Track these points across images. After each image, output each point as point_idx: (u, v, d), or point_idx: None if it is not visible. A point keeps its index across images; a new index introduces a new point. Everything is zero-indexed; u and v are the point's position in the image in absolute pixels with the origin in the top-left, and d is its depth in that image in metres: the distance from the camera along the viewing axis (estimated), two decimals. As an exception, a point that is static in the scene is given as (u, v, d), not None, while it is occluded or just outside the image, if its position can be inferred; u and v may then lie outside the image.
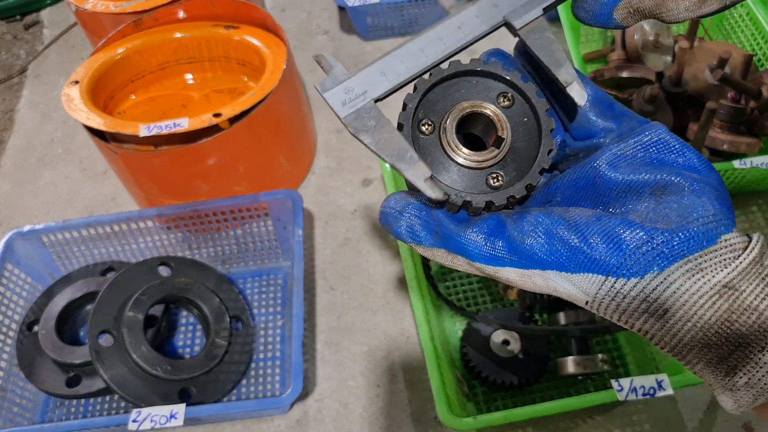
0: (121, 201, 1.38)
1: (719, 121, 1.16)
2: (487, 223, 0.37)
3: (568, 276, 0.36)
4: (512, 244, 0.37)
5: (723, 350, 0.34)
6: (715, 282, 0.34)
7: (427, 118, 0.39)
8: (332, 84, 0.38)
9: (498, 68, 0.39)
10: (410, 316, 1.12)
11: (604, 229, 0.35)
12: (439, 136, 0.39)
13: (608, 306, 0.35)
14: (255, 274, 1.21)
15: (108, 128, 1.11)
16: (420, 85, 0.39)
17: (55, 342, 1.05)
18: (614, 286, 0.35)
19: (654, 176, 0.37)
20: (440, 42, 0.39)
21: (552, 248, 0.36)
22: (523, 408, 0.85)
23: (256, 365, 1.10)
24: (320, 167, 1.37)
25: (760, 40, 1.30)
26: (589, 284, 0.35)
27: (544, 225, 0.36)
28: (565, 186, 0.40)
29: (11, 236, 1.11)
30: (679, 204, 0.36)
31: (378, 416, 1.02)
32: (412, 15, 1.57)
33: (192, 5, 1.32)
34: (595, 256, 0.35)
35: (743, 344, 0.34)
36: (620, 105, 0.41)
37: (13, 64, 1.75)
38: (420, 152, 0.39)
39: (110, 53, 1.29)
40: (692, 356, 0.35)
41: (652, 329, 0.35)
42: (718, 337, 0.34)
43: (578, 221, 0.36)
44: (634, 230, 0.35)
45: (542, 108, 0.39)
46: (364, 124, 0.37)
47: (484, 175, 0.39)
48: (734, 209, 0.37)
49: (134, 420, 0.90)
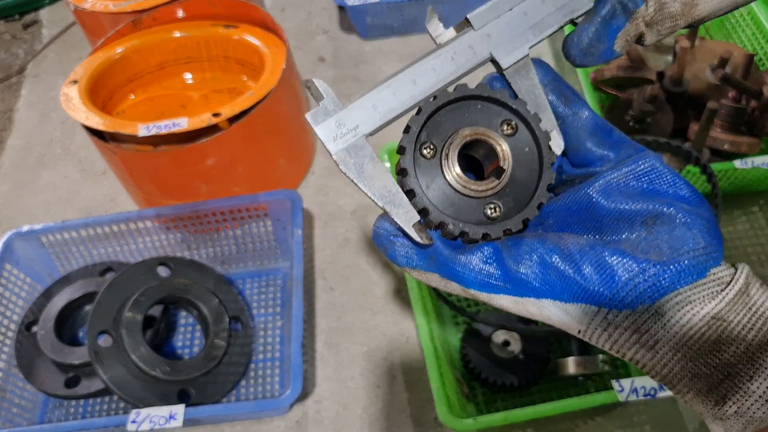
0: (120, 201, 1.37)
1: (720, 121, 1.16)
2: (482, 250, 0.38)
3: (562, 305, 0.36)
4: (507, 272, 0.37)
5: (712, 380, 0.35)
6: (703, 314, 0.34)
7: (429, 141, 0.39)
8: (323, 116, 0.37)
9: (504, 95, 0.39)
10: (410, 316, 1.12)
11: (598, 260, 0.36)
12: (440, 160, 0.39)
13: (600, 336, 0.36)
14: (254, 275, 1.21)
15: (107, 128, 1.11)
16: (425, 108, 0.38)
17: (54, 342, 1.05)
18: (606, 317, 0.36)
19: (646, 206, 0.38)
20: (433, 73, 0.39)
21: (546, 278, 0.36)
22: (523, 409, 0.85)
23: (255, 366, 1.09)
24: (320, 167, 1.37)
25: (761, 40, 1.29)
26: (582, 314, 0.36)
27: (539, 253, 0.37)
28: (559, 210, 0.40)
29: (10, 236, 1.11)
30: (671, 235, 0.36)
31: (378, 417, 1.02)
32: (412, 15, 1.56)
33: (191, 4, 1.31)
34: (589, 287, 0.36)
35: (732, 374, 0.34)
36: (618, 132, 0.42)
37: (11, 63, 1.75)
38: (420, 174, 0.38)
39: (109, 53, 1.29)
40: (682, 386, 0.36)
41: (642, 359, 0.36)
42: (707, 367, 0.35)
43: (572, 250, 0.37)
44: (626, 262, 0.35)
45: (545, 141, 0.39)
46: (355, 161, 0.37)
47: (482, 204, 0.39)
48: (734, 210, 0.37)
49: (133, 421, 0.89)
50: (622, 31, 0.39)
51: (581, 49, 0.40)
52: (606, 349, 0.37)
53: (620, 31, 0.39)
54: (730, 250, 1.12)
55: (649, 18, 0.39)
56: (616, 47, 0.40)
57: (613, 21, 0.39)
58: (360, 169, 0.37)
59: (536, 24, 0.40)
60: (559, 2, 0.40)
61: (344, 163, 0.37)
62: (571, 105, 0.41)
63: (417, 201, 0.37)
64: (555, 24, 0.40)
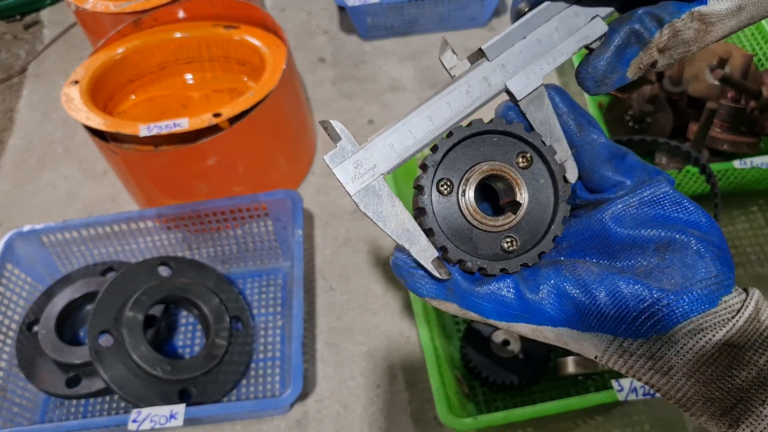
0: (120, 201, 1.37)
1: (719, 121, 1.16)
2: (500, 282, 0.38)
3: (579, 334, 0.38)
4: (525, 302, 0.38)
5: (726, 404, 0.36)
6: (716, 341, 0.35)
7: (446, 177, 0.40)
8: (341, 158, 0.38)
9: (519, 129, 0.40)
10: (410, 316, 1.12)
11: (612, 290, 0.37)
12: (457, 197, 0.40)
13: (616, 362, 0.37)
14: (255, 275, 1.21)
15: (108, 128, 1.11)
16: (441, 146, 0.39)
17: (55, 342, 1.05)
18: (622, 345, 0.37)
19: (658, 232, 0.38)
20: (448, 108, 0.39)
21: (563, 308, 0.37)
22: (523, 408, 0.85)
23: (255, 365, 1.10)
24: (320, 167, 1.37)
25: (760, 40, 1.30)
26: (599, 342, 0.37)
27: (554, 283, 0.38)
28: (572, 235, 0.41)
29: (11, 236, 1.11)
30: (683, 263, 0.37)
31: (378, 416, 1.02)
32: (412, 15, 1.57)
33: (192, 5, 1.31)
34: (604, 318, 0.37)
35: (745, 398, 0.35)
36: (633, 156, 0.42)
37: (13, 64, 1.75)
38: (437, 212, 0.39)
39: (110, 53, 1.29)
40: (696, 409, 0.36)
41: (658, 383, 0.37)
42: (720, 392, 0.36)
43: (586, 280, 0.37)
44: (640, 291, 0.36)
45: (560, 174, 0.40)
46: (373, 201, 0.37)
47: (499, 237, 0.40)
48: (734, 210, 0.38)
49: (134, 420, 0.90)
50: (635, 60, 0.39)
51: (596, 80, 0.40)
52: (623, 372, 0.38)
53: (633, 59, 0.39)
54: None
55: (662, 45, 0.39)
56: (629, 74, 0.40)
57: (626, 50, 0.39)
58: (379, 208, 0.37)
59: (550, 51, 0.40)
60: (573, 28, 0.40)
61: (363, 203, 0.37)
62: (586, 133, 0.41)
63: (436, 240, 0.38)
64: (569, 51, 0.40)
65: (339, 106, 1.49)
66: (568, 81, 1.46)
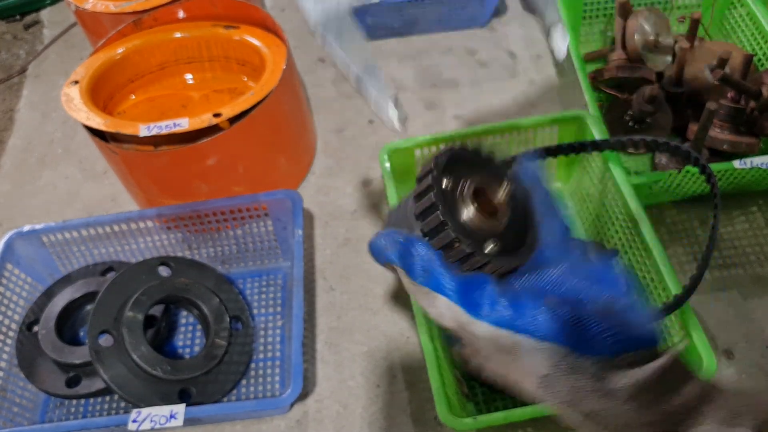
0: (120, 201, 1.37)
1: (719, 121, 1.16)
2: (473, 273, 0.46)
3: (536, 343, 0.44)
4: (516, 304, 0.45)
5: (665, 427, 0.39)
6: (654, 368, 0.39)
7: (451, 174, 0.49)
8: None
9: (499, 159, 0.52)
10: (410, 316, 1.12)
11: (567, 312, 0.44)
12: (455, 193, 0.49)
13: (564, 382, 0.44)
14: (255, 275, 1.21)
15: (108, 128, 1.11)
16: (445, 152, 0.49)
17: (55, 342, 1.05)
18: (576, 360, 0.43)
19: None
20: None
21: (548, 321, 0.44)
22: (523, 408, 0.85)
23: (255, 365, 1.10)
24: (320, 167, 1.37)
25: (760, 40, 1.30)
26: (553, 354, 0.44)
27: (535, 294, 0.45)
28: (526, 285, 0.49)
29: (11, 236, 1.11)
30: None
31: (378, 416, 1.02)
32: (412, 15, 1.57)
33: (192, 5, 1.32)
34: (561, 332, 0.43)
35: (678, 422, 0.39)
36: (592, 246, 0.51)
37: (12, 64, 1.75)
38: (441, 199, 0.47)
39: (110, 53, 1.29)
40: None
41: (597, 406, 0.42)
42: (659, 415, 0.39)
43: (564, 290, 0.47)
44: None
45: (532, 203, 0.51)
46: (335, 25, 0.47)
47: (483, 238, 0.48)
48: (733, 210, 0.43)
49: (134, 420, 0.90)
50: None
51: None
52: (554, 402, 0.44)
53: None
54: (729, 250, 1.12)
55: None
56: None
57: None
58: None
59: None
60: None
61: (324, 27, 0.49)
62: (548, 215, 0.50)
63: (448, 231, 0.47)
64: None
65: (339, 106, 1.49)
66: (568, 81, 1.46)
